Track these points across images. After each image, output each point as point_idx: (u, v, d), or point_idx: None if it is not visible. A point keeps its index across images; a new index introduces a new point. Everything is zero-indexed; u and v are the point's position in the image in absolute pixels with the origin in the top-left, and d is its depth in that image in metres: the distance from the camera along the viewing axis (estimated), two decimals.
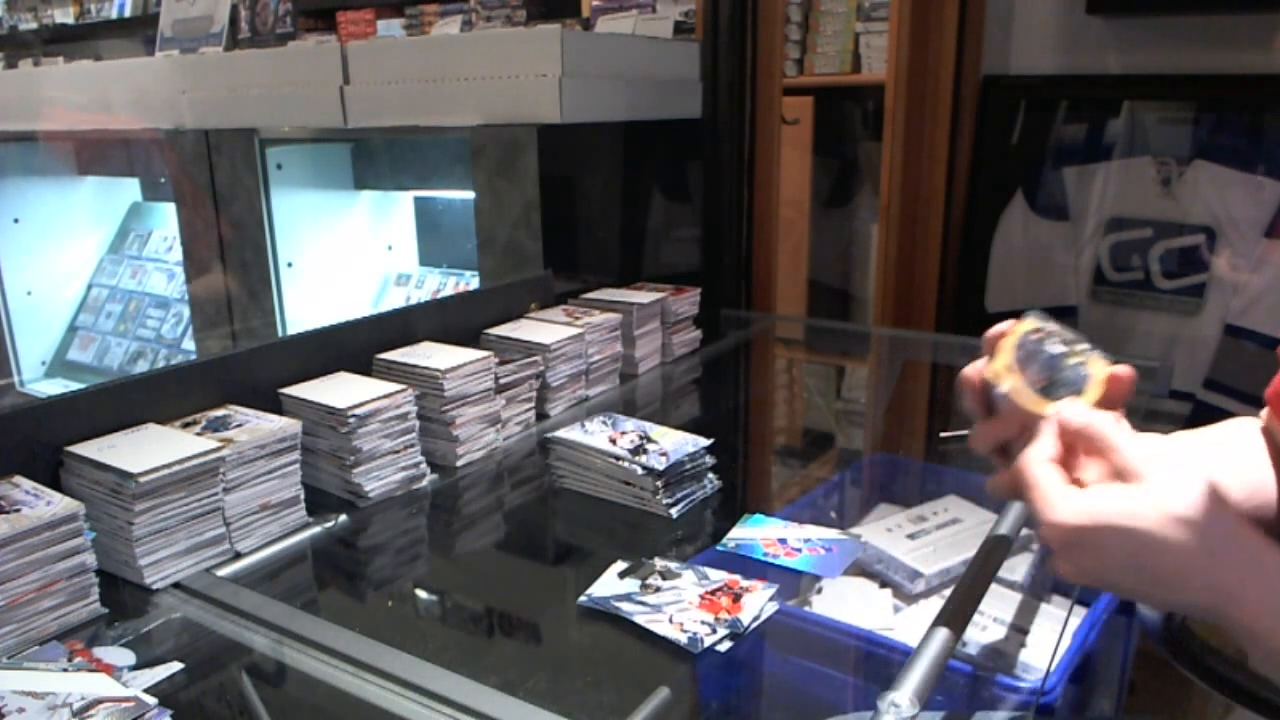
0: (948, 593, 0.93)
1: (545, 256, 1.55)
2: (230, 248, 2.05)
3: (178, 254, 2.37)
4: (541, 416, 1.30)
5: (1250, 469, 0.66)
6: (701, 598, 0.83)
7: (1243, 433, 0.69)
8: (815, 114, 2.65)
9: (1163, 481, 0.52)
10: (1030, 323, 0.65)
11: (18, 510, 0.79)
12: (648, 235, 1.81)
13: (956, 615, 0.75)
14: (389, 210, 2.20)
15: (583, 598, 0.84)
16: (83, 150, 2.62)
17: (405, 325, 1.26)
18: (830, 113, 2.75)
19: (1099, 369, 0.63)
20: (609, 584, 0.86)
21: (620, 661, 0.80)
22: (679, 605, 0.82)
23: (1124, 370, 0.62)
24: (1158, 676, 1.14)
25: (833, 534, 0.98)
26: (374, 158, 2.07)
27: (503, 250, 1.60)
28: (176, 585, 0.88)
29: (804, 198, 2.69)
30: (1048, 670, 0.84)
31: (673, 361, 1.58)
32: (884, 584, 1.05)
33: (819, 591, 1.02)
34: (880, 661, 0.85)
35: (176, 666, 0.75)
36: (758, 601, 0.82)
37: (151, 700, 0.69)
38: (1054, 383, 0.63)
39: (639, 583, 0.86)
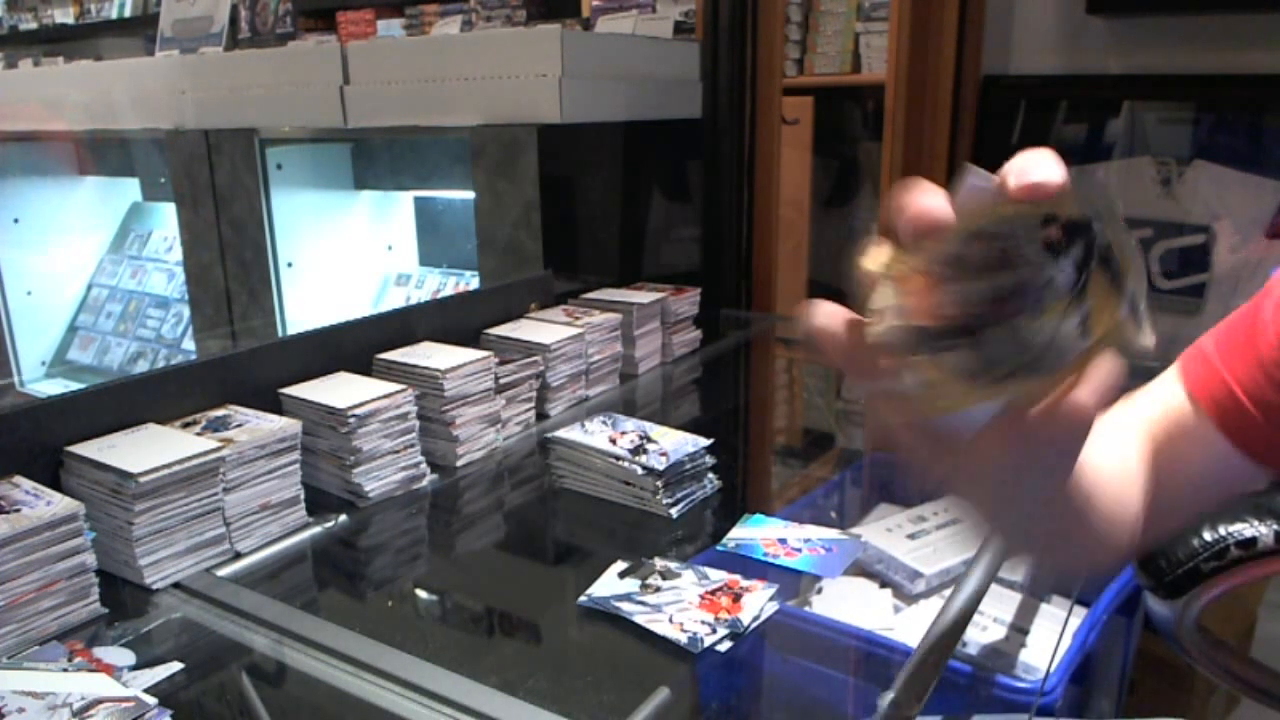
0: (948, 593, 0.93)
1: (545, 256, 1.55)
2: (230, 247, 2.04)
3: (178, 254, 2.37)
4: (541, 416, 1.30)
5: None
6: (701, 598, 0.83)
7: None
8: (815, 114, 2.64)
9: None
10: (958, 220, 0.34)
11: (18, 510, 0.79)
12: (648, 235, 1.81)
13: (957, 615, 0.75)
14: (389, 210, 2.20)
15: (583, 598, 0.84)
16: (83, 150, 2.62)
17: (405, 325, 1.26)
18: (830, 113, 2.75)
19: (1100, 337, 0.36)
20: (609, 584, 0.86)
21: (620, 661, 0.80)
22: (679, 605, 0.82)
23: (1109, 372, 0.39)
24: (1158, 676, 1.15)
25: (833, 534, 0.98)
26: (374, 158, 2.07)
27: (503, 250, 1.60)
28: (176, 585, 0.88)
29: (804, 198, 2.69)
30: (1048, 670, 0.84)
31: (673, 361, 1.58)
32: (884, 584, 1.05)
33: (819, 591, 1.02)
34: (880, 661, 0.85)
35: (176, 666, 0.75)
36: (758, 601, 0.82)
37: (151, 700, 0.69)
38: (1025, 365, 0.35)
39: (639, 583, 0.86)
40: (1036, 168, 0.34)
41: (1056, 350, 0.35)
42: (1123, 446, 0.60)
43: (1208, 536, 0.68)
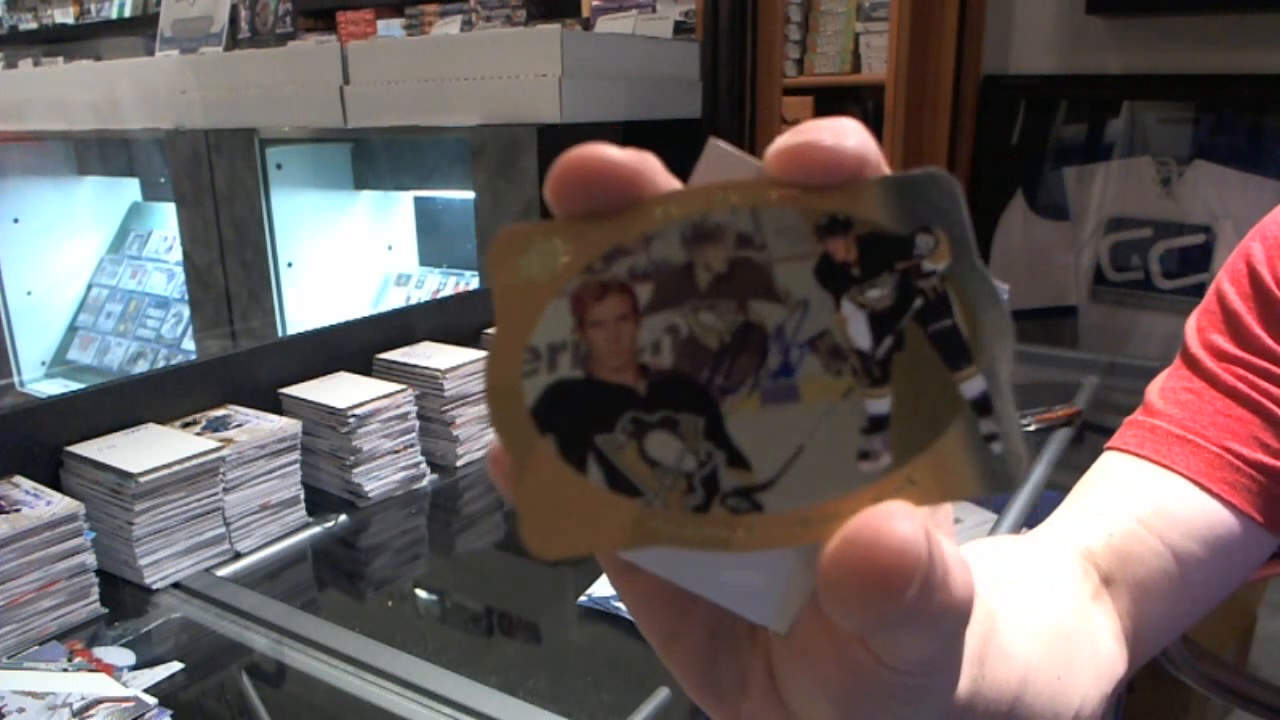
0: None
1: None
2: (230, 247, 2.04)
3: (177, 254, 2.37)
4: None
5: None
6: None
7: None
8: (815, 114, 2.64)
9: None
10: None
11: (18, 510, 0.79)
12: None
13: None
14: (389, 210, 2.20)
15: (583, 598, 0.84)
16: (83, 150, 2.62)
17: (405, 325, 1.26)
18: (830, 113, 2.73)
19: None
20: (609, 584, 0.86)
21: (620, 661, 0.80)
22: None
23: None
24: (1157, 677, 1.14)
25: None
26: (374, 157, 2.07)
27: None
28: (176, 585, 0.88)
29: None
30: None
31: None
32: None
33: None
34: None
35: (176, 666, 0.75)
36: None
37: (151, 700, 0.69)
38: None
39: None
40: (818, 130, 0.20)
41: (822, 465, 0.19)
42: (1053, 590, 0.41)
43: None
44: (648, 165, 0.20)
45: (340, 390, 1.07)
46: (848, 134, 0.20)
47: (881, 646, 0.20)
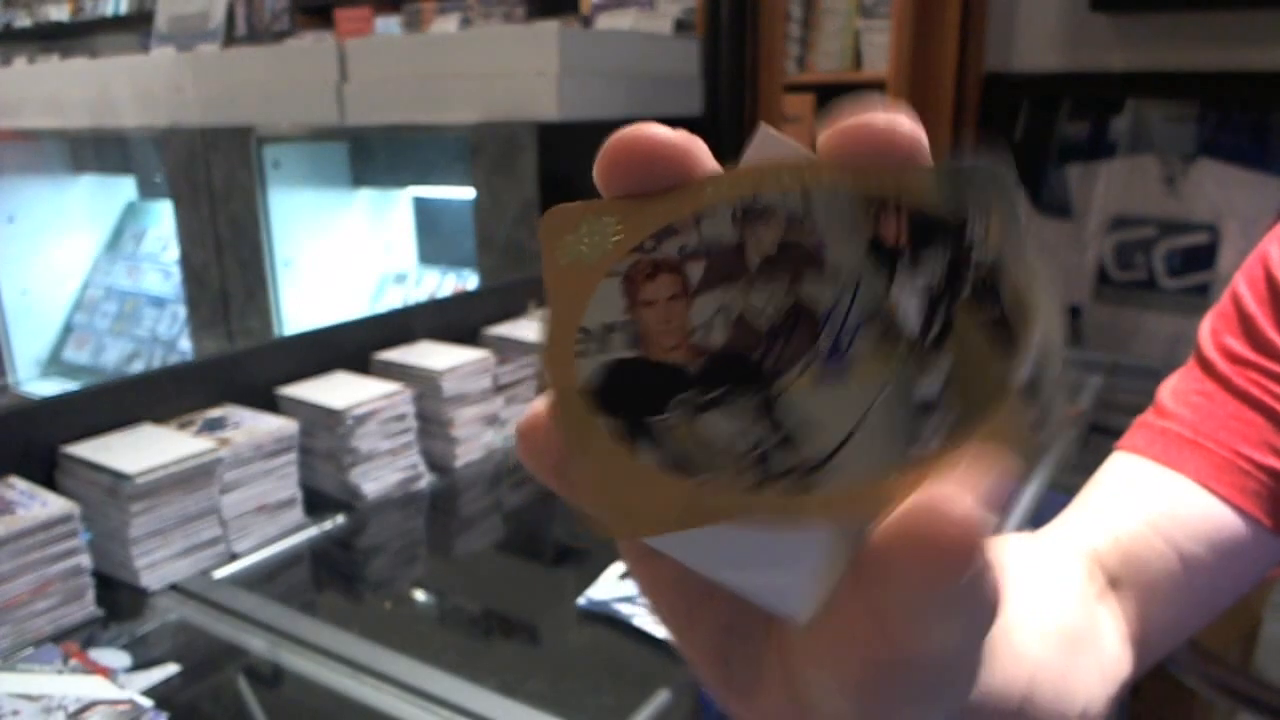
0: None
1: None
2: (227, 246, 2.04)
3: (174, 253, 2.36)
4: None
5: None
6: None
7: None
8: (816, 112, 2.64)
9: None
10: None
11: (12, 511, 0.78)
12: None
13: None
14: (387, 208, 2.19)
15: (582, 599, 0.84)
16: (78, 148, 2.61)
17: (404, 324, 1.26)
18: (831, 111, 2.75)
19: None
20: (608, 586, 0.85)
21: (620, 664, 0.79)
22: None
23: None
24: (1161, 679, 1.14)
25: None
26: (372, 155, 2.06)
27: (502, 249, 1.59)
28: (173, 587, 0.87)
29: None
30: None
31: None
32: None
33: None
34: None
35: (173, 668, 0.74)
36: None
37: (148, 703, 0.69)
38: None
39: None
40: (874, 111, 0.20)
41: (872, 446, 0.19)
42: (1060, 590, 0.41)
43: None
44: (696, 146, 0.21)
45: (338, 390, 1.06)
46: (902, 118, 0.20)
47: (912, 632, 0.19)
